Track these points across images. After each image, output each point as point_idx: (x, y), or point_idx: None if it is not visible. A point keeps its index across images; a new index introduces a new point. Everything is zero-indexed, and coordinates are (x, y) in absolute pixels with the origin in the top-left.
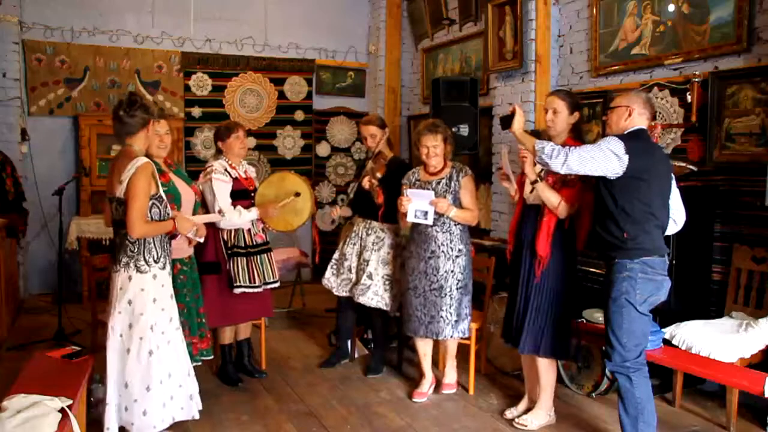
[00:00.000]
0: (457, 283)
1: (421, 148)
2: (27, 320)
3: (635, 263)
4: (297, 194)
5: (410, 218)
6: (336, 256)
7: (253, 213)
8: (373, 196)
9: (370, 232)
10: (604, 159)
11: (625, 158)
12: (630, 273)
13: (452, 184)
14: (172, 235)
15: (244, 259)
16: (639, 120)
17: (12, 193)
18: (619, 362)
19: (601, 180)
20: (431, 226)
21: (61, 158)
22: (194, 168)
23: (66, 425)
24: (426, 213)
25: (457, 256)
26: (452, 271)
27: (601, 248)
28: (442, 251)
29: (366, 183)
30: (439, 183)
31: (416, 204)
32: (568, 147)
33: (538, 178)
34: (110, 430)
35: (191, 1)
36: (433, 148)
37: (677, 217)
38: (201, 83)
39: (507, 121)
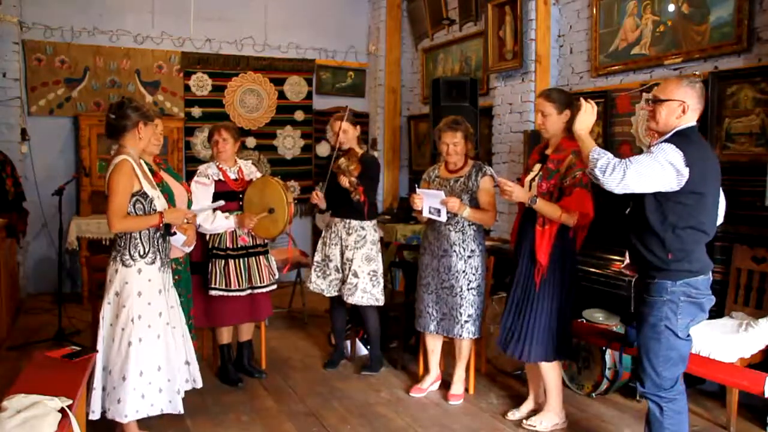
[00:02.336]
0: (468, 284)
1: (440, 144)
2: (27, 320)
3: (678, 286)
4: (271, 210)
5: (425, 214)
6: (317, 259)
7: (230, 221)
8: (352, 194)
9: (351, 231)
10: (662, 173)
11: (686, 171)
12: (671, 297)
13: (470, 183)
14: (168, 232)
15: (223, 261)
16: (691, 116)
17: (12, 193)
18: (653, 390)
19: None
20: (445, 225)
21: (61, 158)
22: (194, 168)
23: (66, 425)
24: (439, 210)
25: (469, 257)
26: (464, 271)
27: (639, 266)
28: (455, 250)
29: (345, 182)
30: (457, 181)
31: (429, 201)
32: (625, 162)
33: (532, 198)
34: (95, 412)
35: (191, 1)
36: (453, 145)
37: (720, 212)
38: (201, 83)
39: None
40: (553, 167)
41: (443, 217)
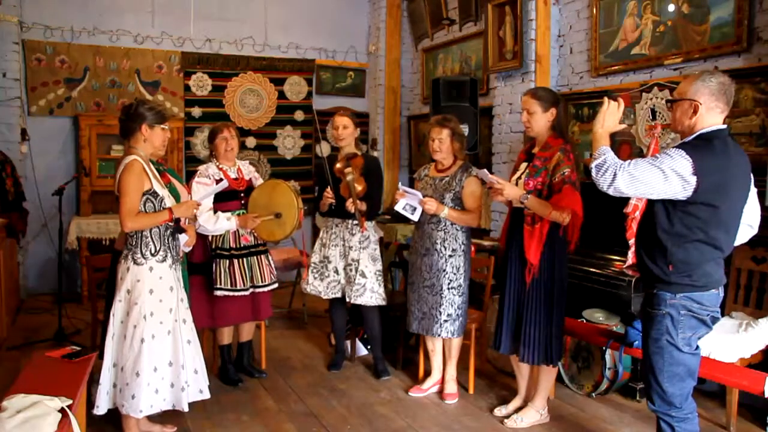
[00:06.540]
0: (449, 283)
1: (429, 140)
2: (27, 320)
3: (678, 298)
4: (278, 215)
5: (398, 208)
6: (315, 260)
7: (232, 222)
8: (354, 213)
9: (354, 232)
10: (664, 181)
11: (693, 180)
12: (670, 310)
13: (454, 183)
14: (177, 230)
15: (227, 261)
16: (710, 116)
17: (12, 193)
18: (663, 408)
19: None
20: (428, 223)
21: (61, 158)
22: (194, 168)
23: (66, 425)
24: (414, 209)
25: (450, 256)
26: (444, 270)
27: (642, 275)
28: (436, 249)
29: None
30: (442, 180)
31: (409, 199)
32: (620, 164)
33: (524, 195)
34: (99, 408)
35: (191, 1)
36: (439, 141)
37: (752, 220)
38: (201, 83)
39: None
40: (539, 164)
41: (415, 217)
